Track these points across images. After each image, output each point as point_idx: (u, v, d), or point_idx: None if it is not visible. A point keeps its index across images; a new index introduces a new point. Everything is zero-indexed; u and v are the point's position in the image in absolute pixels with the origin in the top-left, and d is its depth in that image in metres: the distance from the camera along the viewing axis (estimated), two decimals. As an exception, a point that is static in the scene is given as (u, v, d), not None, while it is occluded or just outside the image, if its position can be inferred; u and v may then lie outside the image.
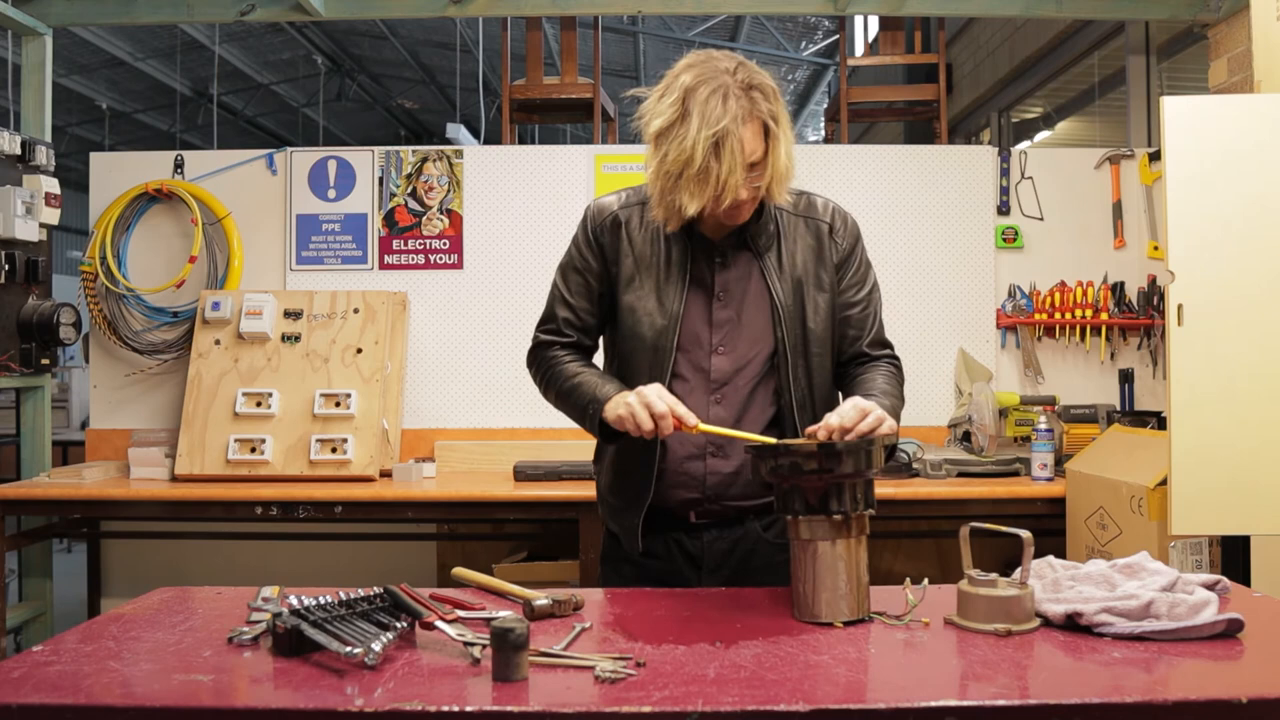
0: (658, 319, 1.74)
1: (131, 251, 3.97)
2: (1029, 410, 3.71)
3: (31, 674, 1.23)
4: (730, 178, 1.56)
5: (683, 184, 1.58)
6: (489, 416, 3.91)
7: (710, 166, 1.55)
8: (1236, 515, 2.44)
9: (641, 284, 1.76)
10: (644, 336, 1.75)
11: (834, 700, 1.12)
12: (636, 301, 1.76)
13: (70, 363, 8.09)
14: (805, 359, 1.76)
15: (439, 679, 1.20)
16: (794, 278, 1.76)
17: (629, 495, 1.80)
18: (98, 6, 4.04)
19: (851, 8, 4.06)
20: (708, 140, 1.54)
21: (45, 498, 3.41)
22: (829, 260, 1.79)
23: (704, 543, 1.80)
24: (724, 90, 1.56)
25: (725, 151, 1.55)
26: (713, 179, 1.56)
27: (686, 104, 1.57)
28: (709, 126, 1.54)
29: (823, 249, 1.79)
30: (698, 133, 1.54)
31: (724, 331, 1.74)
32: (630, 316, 1.76)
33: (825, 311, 1.78)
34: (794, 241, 1.78)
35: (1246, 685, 1.16)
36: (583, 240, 1.84)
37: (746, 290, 1.75)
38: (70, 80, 9.71)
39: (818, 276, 1.78)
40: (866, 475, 1.47)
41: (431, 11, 4.08)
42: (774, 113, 1.59)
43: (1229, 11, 3.66)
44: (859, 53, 8.75)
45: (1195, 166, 2.46)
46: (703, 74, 1.58)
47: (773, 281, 1.75)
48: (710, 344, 1.74)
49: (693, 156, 1.55)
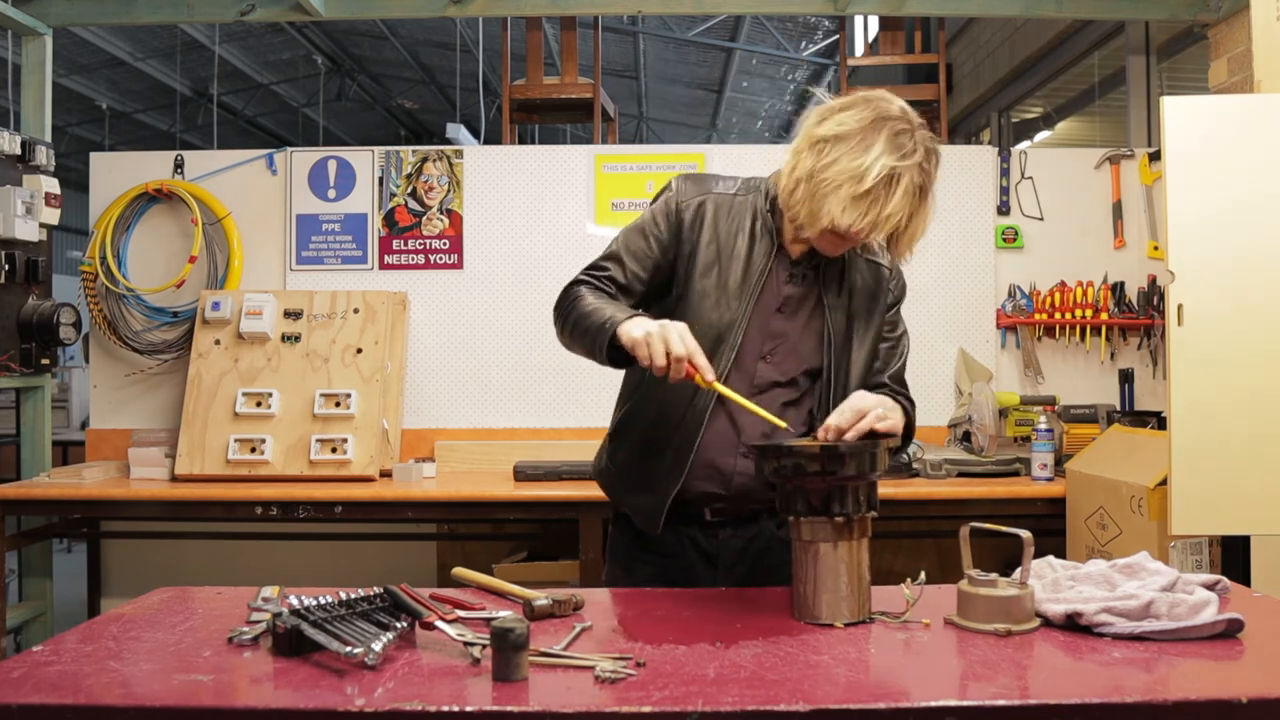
0: (727, 310, 1.74)
1: (131, 251, 3.97)
2: (1029, 410, 3.71)
3: (31, 674, 1.23)
4: (894, 214, 1.57)
5: (840, 197, 1.56)
6: (489, 416, 3.91)
7: (879, 195, 1.56)
8: (1236, 515, 2.44)
9: (721, 273, 1.75)
10: (712, 323, 1.73)
11: (834, 700, 1.12)
12: (712, 287, 1.75)
13: (70, 363, 8.09)
14: (844, 390, 1.76)
15: (439, 679, 1.20)
16: (849, 311, 1.79)
17: (659, 473, 1.77)
18: (98, 6, 4.04)
19: (851, 8, 4.06)
20: (886, 169, 1.55)
21: (45, 498, 3.41)
22: (882, 303, 1.84)
23: (720, 540, 1.80)
24: (909, 135, 1.59)
25: (899, 188, 1.56)
26: (877, 207, 1.56)
27: (872, 131, 1.57)
28: (893, 157, 1.56)
29: (879, 290, 1.83)
30: (879, 157, 1.55)
31: (776, 343, 1.76)
32: (703, 301, 1.75)
33: (868, 349, 1.81)
34: (855, 277, 1.81)
35: (1246, 685, 1.16)
36: (661, 210, 1.80)
37: (803, 311, 1.78)
38: (70, 80, 9.71)
39: (869, 314, 1.81)
40: (869, 478, 1.47)
41: (431, 11, 4.08)
42: (932, 177, 1.63)
43: (1229, 11, 3.66)
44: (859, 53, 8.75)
45: (1195, 166, 2.46)
46: (887, 112, 1.60)
47: (829, 309, 1.78)
48: (761, 350, 1.76)
49: (864, 176, 1.55)
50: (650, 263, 1.78)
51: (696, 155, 3.97)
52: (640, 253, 1.77)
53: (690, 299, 1.75)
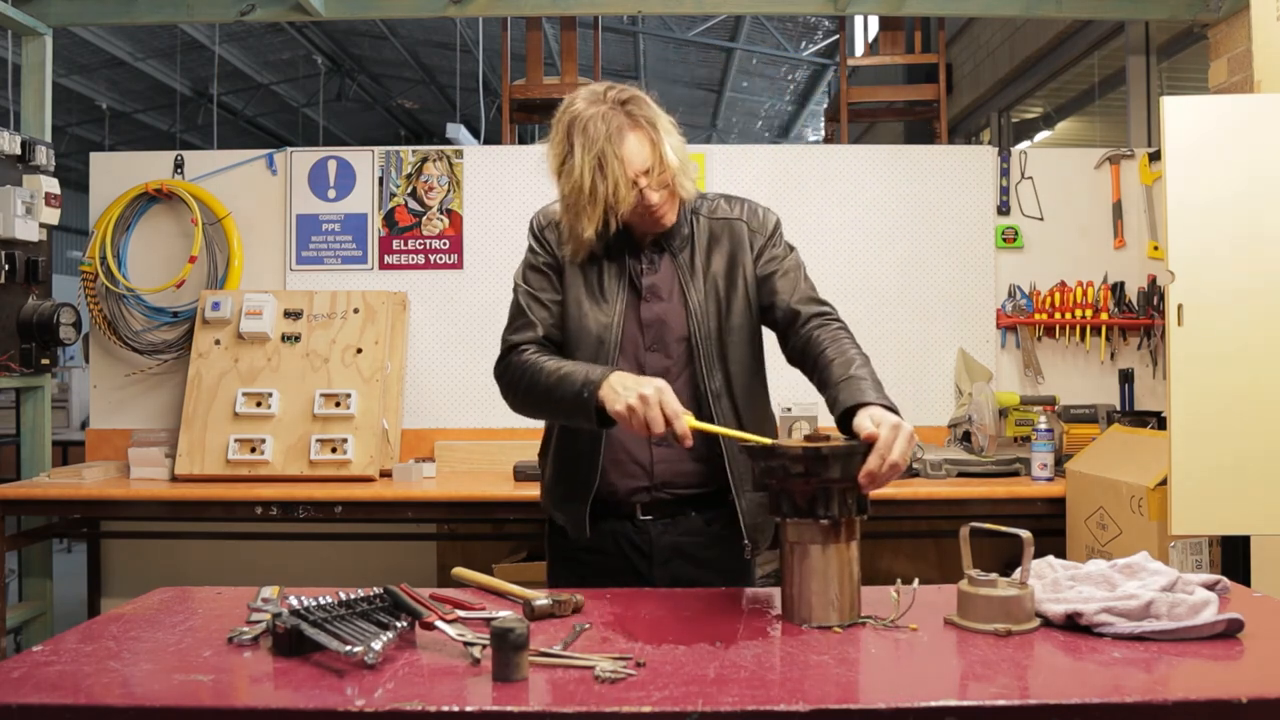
0: (601, 315, 1.81)
1: (131, 251, 3.97)
2: (1029, 410, 3.71)
3: (31, 674, 1.23)
4: (617, 188, 1.67)
5: (581, 211, 1.71)
6: (489, 416, 3.91)
7: (596, 186, 1.67)
8: (1236, 515, 2.44)
9: (586, 280, 1.83)
10: (590, 330, 1.82)
11: (834, 700, 1.12)
12: (584, 297, 1.83)
13: (70, 363, 8.09)
14: (721, 352, 1.82)
15: (439, 679, 1.20)
16: (708, 275, 1.83)
17: (575, 483, 1.83)
18: (98, 6, 4.04)
19: (851, 8, 4.06)
20: (591, 165, 1.67)
21: (45, 498, 3.41)
22: (746, 256, 1.85)
23: (651, 536, 1.84)
24: (595, 116, 1.69)
25: (608, 168, 1.67)
26: (600, 197, 1.68)
27: (569, 140, 1.71)
28: (589, 154, 1.67)
29: (739, 247, 1.85)
30: (581, 160, 1.68)
31: (653, 330, 1.82)
32: (577, 310, 1.83)
33: (741, 305, 1.84)
34: (707, 243, 1.85)
35: (1246, 685, 1.16)
36: (535, 241, 1.91)
37: (671, 291, 1.83)
38: (70, 80, 9.71)
39: (730, 274, 1.84)
40: (857, 480, 1.47)
41: (431, 11, 4.08)
42: (650, 118, 1.71)
43: (1229, 11, 3.66)
44: (859, 53, 8.75)
45: (1195, 166, 2.46)
46: (576, 112, 1.71)
47: (686, 281, 1.83)
48: (644, 342, 1.82)
49: (581, 184, 1.68)
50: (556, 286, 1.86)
51: (697, 155, 3.97)
52: (543, 284, 1.87)
53: (570, 310, 1.84)
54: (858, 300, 3.81)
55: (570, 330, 1.83)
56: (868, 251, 3.92)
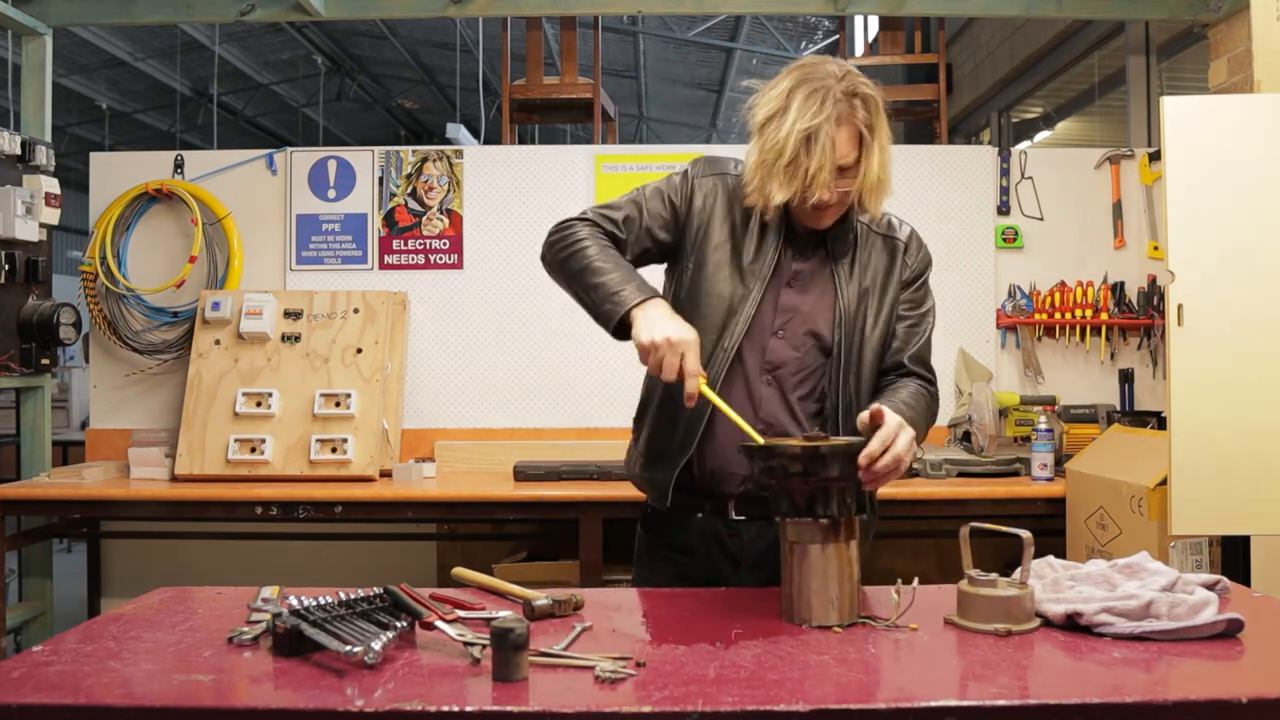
0: (740, 285, 1.76)
1: (131, 251, 3.97)
2: (1029, 410, 3.71)
3: (31, 674, 1.23)
4: (819, 173, 1.61)
5: (774, 174, 1.63)
6: (489, 416, 3.91)
7: (800, 159, 1.61)
8: (1236, 515, 2.44)
9: (735, 249, 1.78)
10: (724, 295, 1.76)
11: (834, 700, 1.12)
12: (725, 262, 1.78)
13: (70, 363, 8.08)
14: (857, 366, 1.78)
15: (439, 679, 1.20)
16: (861, 287, 1.79)
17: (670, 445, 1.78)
18: (98, 6, 4.04)
19: (851, 8, 4.06)
20: (800, 134, 1.60)
21: (45, 498, 3.41)
22: (897, 278, 1.82)
23: (744, 541, 1.80)
24: (824, 91, 1.62)
25: (816, 147, 1.60)
26: (801, 171, 1.61)
27: (788, 99, 1.63)
28: (803, 121, 1.60)
29: (894, 266, 1.82)
30: (792, 125, 1.60)
31: (787, 317, 1.77)
32: (717, 273, 1.77)
33: (883, 324, 1.80)
34: (868, 254, 1.81)
35: (1246, 685, 1.16)
36: (679, 183, 1.84)
37: (815, 286, 1.79)
38: (70, 80, 9.71)
39: (883, 291, 1.81)
40: (857, 479, 1.47)
41: (431, 11, 4.08)
42: (871, 122, 1.64)
43: (1229, 11, 3.66)
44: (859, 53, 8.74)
45: (1195, 166, 2.46)
46: (808, 75, 1.64)
47: (841, 285, 1.78)
48: (772, 325, 1.77)
49: (784, 148, 1.61)
50: (660, 224, 1.81)
51: (697, 155, 3.97)
52: (655, 212, 1.81)
53: (705, 270, 1.78)
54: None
55: (701, 291, 1.77)
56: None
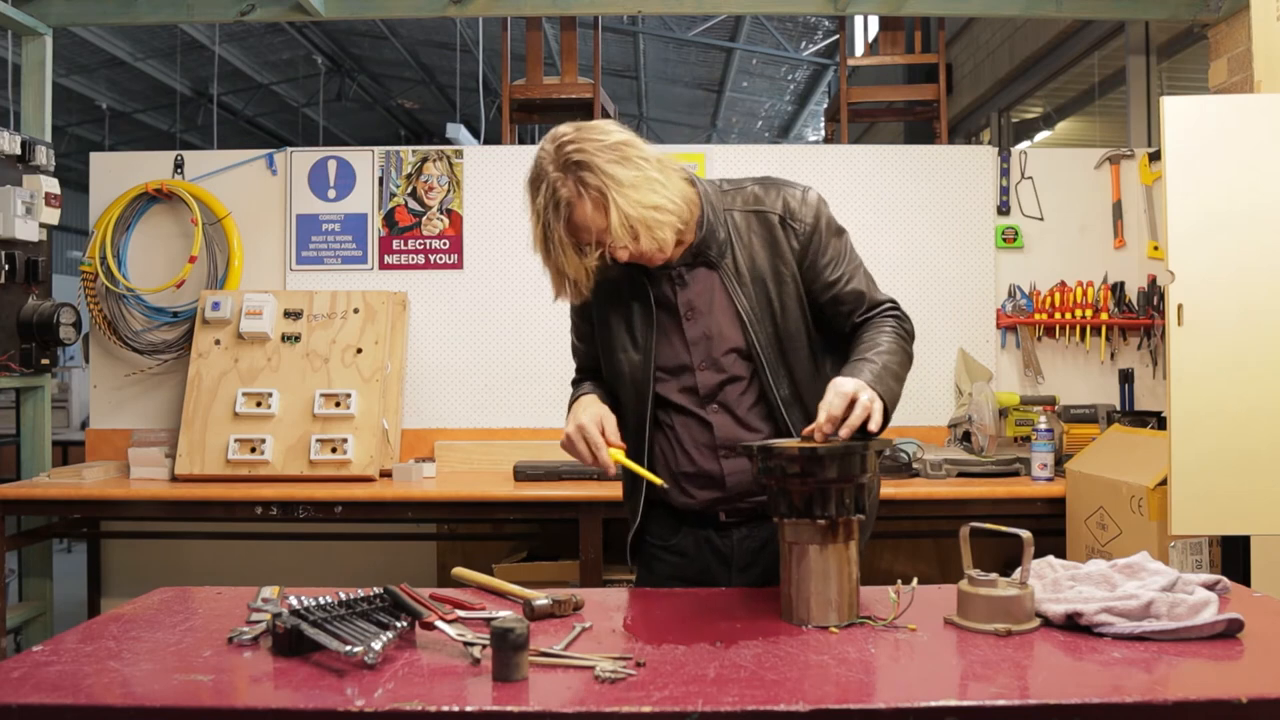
0: (633, 354, 1.78)
1: (131, 251, 3.97)
2: (1029, 410, 3.71)
3: (31, 674, 1.23)
4: (567, 264, 1.62)
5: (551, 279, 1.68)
6: (489, 416, 3.91)
7: (548, 257, 1.64)
8: (1236, 515, 2.44)
9: (615, 323, 1.79)
10: (624, 374, 1.79)
11: (834, 700, 1.12)
12: (613, 339, 1.80)
13: (70, 363, 8.08)
14: (783, 356, 1.74)
15: (439, 679, 1.20)
16: (755, 278, 1.73)
17: (633, 490, 1.87)
18: (98, 6, 4.04)
19: (851, 8, 4.06)
20: (538, 239, 1.64)
21: (45, 498, 3.41)
22: (786, 251, 1.74)
23: (734, 541, 1.81)
24: (543, 182, 1.61)
25: (551, 245, 1.62)
26: (554, 269, 1.65)
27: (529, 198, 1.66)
28: (537, 221, 1.63)
29: (778, 242, 1.74)
30: (534, 228, 1.65)
31: (699, 347, 1.75)
32: (610, 357, 1.81)
33: (795, 304, 1.74)
34: (749, 241, 1.74)
35: (1246, 685, 1.16)
36: None
37: (713, 303, 1.74)
38: (70, 80, 9.71)
39: (777, 273, 1.73)
40: (857, 480, 1.47)
41: (431, 11, 4.08)
42: (598, 182, 1.56)
43: (1229, 11, 3.66)
44: (859, 53, 8.75)
45: (1195, 166, 2.46)
46: (532, 171, 1.65)
47: (733, 289, 1.73)
48: (692, 362, 1.75)
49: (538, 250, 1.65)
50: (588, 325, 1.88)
51: (697, 155, 3.97)
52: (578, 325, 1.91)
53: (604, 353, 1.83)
54: (858, 300, 3.80)
55: (612, 375, 1.83)
56: (867, 251, 3.84)
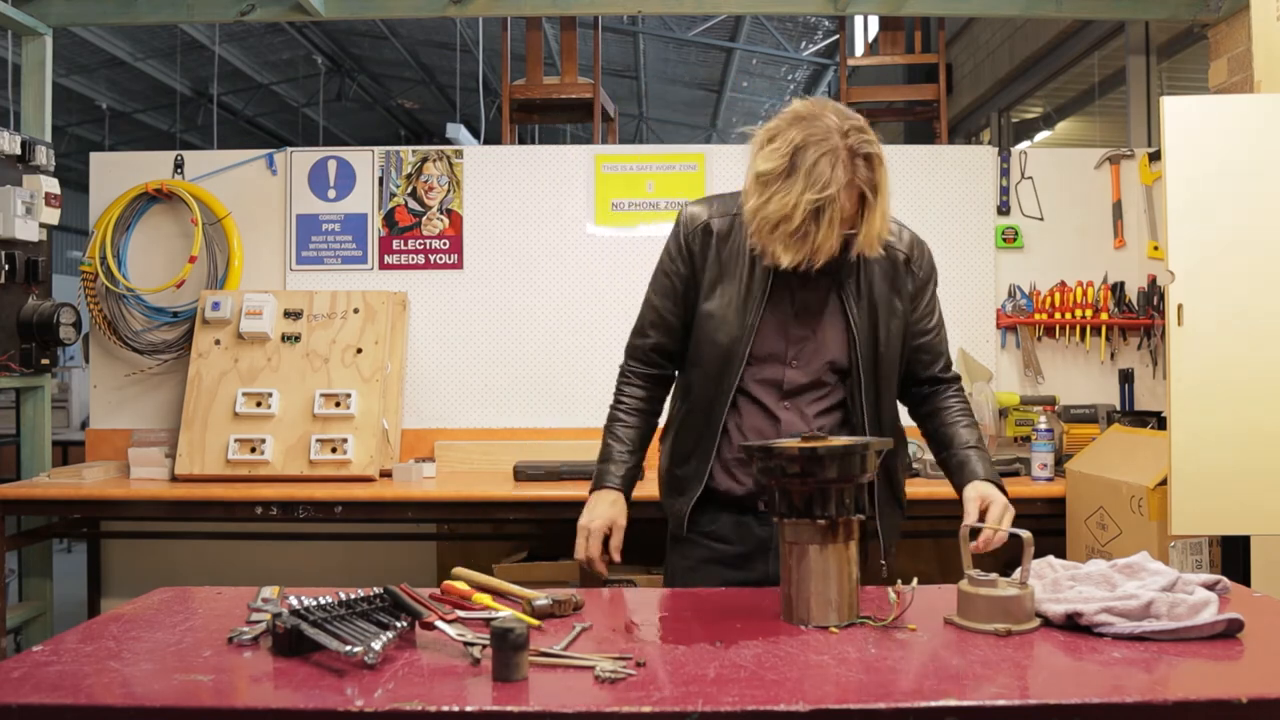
0: (734, 328, 1.80)
1: (131, 251, 3.97)
2: (1029, 410, 3.71)
3: (31, 674, 1.23)
4: (826, 242, 1.62)
5: (778, 236, 1.62)
6: (489, 416, 3.91)
7: (809, 230, 1.61)
8: (1236, 515, 2.44)
9: (723, 293, 1.82)
10: (719, 343, 1.81)
11: (834, 700, 1.12)
12: (716, 309, 1.82)
13: (70, 363, 8.08)
14: (876, 381, 1.83)
15: (439, 679, 1.20)
16: (870, 303, 1.83)
17: (686, 479, 1.88)
18: (98, 6, 4.03)
19: (851, 8, 4.06)
20: (810, 204, 1.58)
21: (45, 498, 3.41)
22: (904, 288, 1.86)
23: (772, 528, 1.81)
24: (833, 155, 1.59)
25: (825, 219, 1.60)
26: (809, 241, 1.62)
27: (794, 160, 1.59)
28: (813, 190, 1.58)
29: (898, 277, 1.86)
30: (801, 194, 1.58)
31: (800, 347, 1.82)
32: (709, 323, 1.82)
33: (897, 337, 1.85)
34: (872, 268, 1.83)
35: (1246, 685, 1.16)
36: (674, 247, 1.90)
37: (824, 311, 1.82)
38: (70, 80, 9.71)
39: (891, 303, 1.84)
40: (857, 480, 1.47)
41: (431, 11, 4.08)
42: (874, 181, 1.63)
43: (1229, 11, 3.66)
44: (859, 53, 8.75)
45: (1195, 166, 2.46)
46: (813, 133, 1.61)
47: (850, 306, 1.81)
48: (785, 357, 1.81)
49: (792, 215, 1.59)
50: (678, 295, 1.88)
51: (696, 155, 3.97)
52: (665, 290, 1.89)
53: (699, 323, 1.84)
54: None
55: (702, 339, 1.83)
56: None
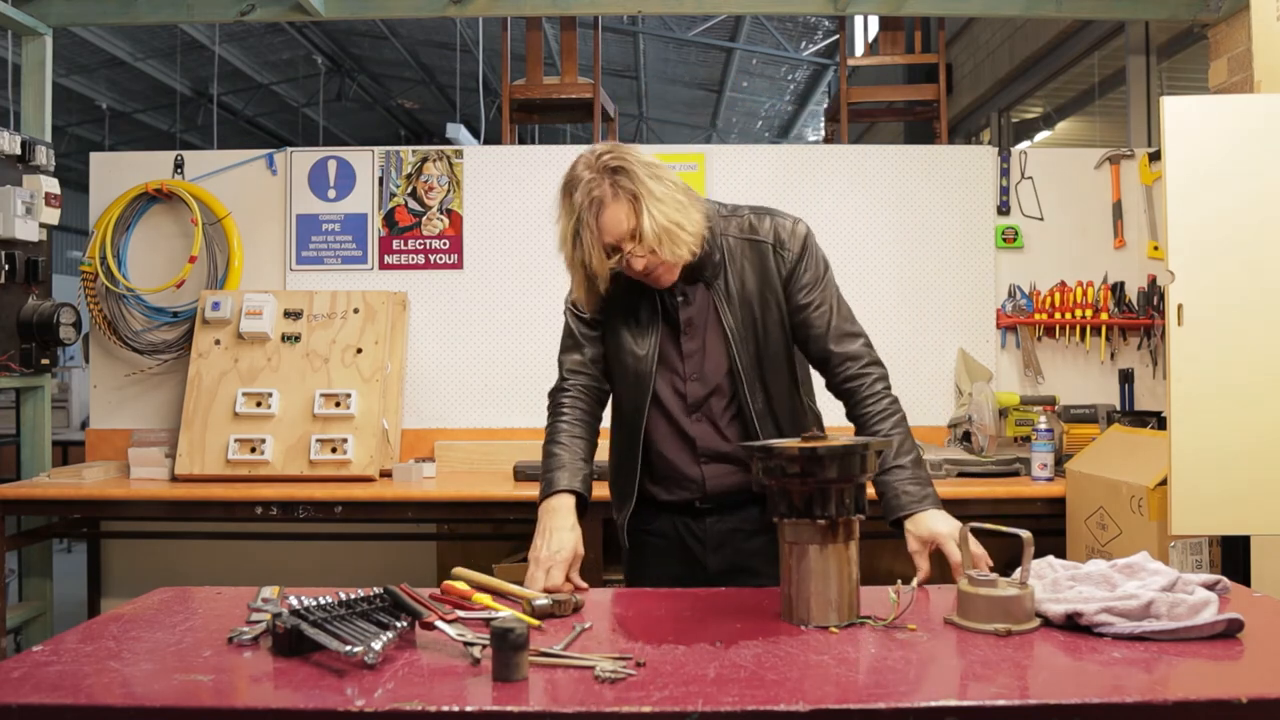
0: (638, 349, 1.90)
1: (131, 251, 3.97)
2: (1029, 410, 3.71)
3: (31, 674, 1.23)
4: (590, 260, 1.73)
5: (572, 278, 1.81)
6: (489, 416, 3.91)
7: (575, 255, 1.74)
8: (1236, 515, 2.44)
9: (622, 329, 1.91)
10: (628, 365, 1.91)
11: (834, 700, 1.12)
12: (621, 330, 1.92)
13: (70, 363, 8.08)
14: (760, 375, 1.89)
15: (439, 679, 1.20)
16: (743, 301, 1.88)
17: (620, 489, 1.99)
18: (98, 6, 4.04)
19: (851, 8, 4.06)
20: (567, 234, 1.74)
21: (45, 498, 3.41)
22: (773, 276, 1.88)
23: (706, 525, 1.95)
24: (574, 184, 1.74)
25: (581, 240, 1.72)
26: (578, 265, 1.75)
27: (562, 201, 1.77)
28: (570, 217, 1.74)
29: (768, 268, 1.88)
30: (565, 226, 1.75)
31: (692, 360, 1.89)
32: (615, 345, 1.93)
33: (777, 326, 1.89)
34: (740, 265, 1.88)
35: (1246, 685, 1.16)
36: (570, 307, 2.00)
37: (707, 321, 1.89)
38: (70, 80, 9.71)
39: (764, 297, 1.88)
40: (856, 480, 1.47)
41: (431, 11, 4.08)
42: (634, 188, 1.71)
43: (1229, 11, 3.66)
44: (859, 53, 8.75)
45: (1195, 166, 2.46)
46: (565, 179, 1.77)
47: (723, 309, 1.87)
48: (684, 372, 1.90)
49: (565, 249, 1.76)
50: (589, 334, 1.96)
51: (697, 155, 3.97)
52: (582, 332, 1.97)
53: (609, 344, 1.94)
54: (858, 300, 3.75)
55: (611, 362, 1.94)
56: (867, 251, 3.92)
